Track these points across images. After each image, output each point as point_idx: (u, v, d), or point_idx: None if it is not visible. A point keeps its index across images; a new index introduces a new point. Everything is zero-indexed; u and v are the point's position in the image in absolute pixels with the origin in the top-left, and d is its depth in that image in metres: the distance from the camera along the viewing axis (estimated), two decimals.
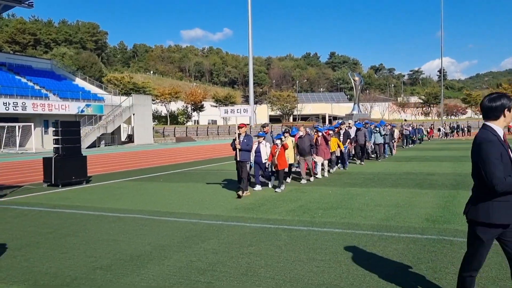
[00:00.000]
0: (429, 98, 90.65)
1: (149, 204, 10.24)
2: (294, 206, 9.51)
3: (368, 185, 12.27)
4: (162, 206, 9.98)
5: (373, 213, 8.41)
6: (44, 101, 41.71)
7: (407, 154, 23.35)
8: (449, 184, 12.00)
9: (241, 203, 10.03)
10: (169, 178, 15.68)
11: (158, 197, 11.37)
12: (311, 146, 12.95)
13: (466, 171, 14.96)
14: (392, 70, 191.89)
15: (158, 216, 8.82)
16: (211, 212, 9.10)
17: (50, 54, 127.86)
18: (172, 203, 10.34)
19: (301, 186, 12.45)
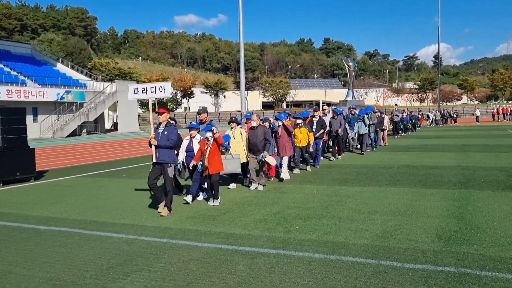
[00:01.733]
0: (424, 84, 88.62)
1: (89, 211, 8.24)
2: (268, 213, 7.53)
3: (361, 183, 10.31)
4: (104, 213, 7.98)
5: (367, 225, 6.45)
6: (19, 88, 39.32)
7: (404, 143, 21.42)
8: (458, 182, 10.05)
9: (203, 209, 8.05)
10: (134, 173, 13.67)
11: (106, 200, 9.36)
12: (265, 141, 9.66)
13: (474, 163, 13.06)
14: (386, 56, 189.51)
15: (90, 229, 6.83)
16: (160, 222, 7.11)
17: (37, 40, 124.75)
18: (118, 208, 8.34)
19: (282, 185, 10.48)
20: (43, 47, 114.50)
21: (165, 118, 7.64)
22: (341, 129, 14.80)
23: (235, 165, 9.40)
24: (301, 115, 12.37)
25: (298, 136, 11.73)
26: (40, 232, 6.77)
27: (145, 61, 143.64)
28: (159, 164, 7.56)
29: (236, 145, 9.89)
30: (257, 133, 9.69)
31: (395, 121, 25.53)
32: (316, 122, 13.42)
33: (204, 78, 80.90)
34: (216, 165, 8.13)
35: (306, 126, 12.20)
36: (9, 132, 11.99)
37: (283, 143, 10.85)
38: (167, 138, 7.46)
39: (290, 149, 11.03)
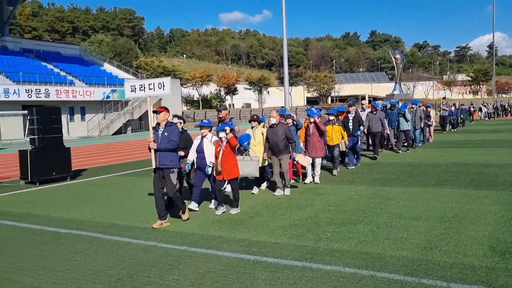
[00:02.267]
0: (478, 75, 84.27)
1: (114, 212, 7.97)
2: (299, 217, 6.95)
3: (405, 183, 9.49)
4: (129, 215, 7.68)
5: (408, 234, 5.74)
6: (68, 88, 40.52)
7: (454, 138, 20.07)
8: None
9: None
10: None
11: (134, 201, 9.09)
12: (287, 140, 8.60)
13: None
14: (437, 47, 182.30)
15: (110, 234, 6.51)
16: (183, 227, 6.69)
17: (88, 41, 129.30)
18: (144, 210, 8.01)
19: (318, 185, 9.83)
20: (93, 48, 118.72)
21: (163, 118, 6.74)
22: (386, 129, 14.07)
23: (253, 167, 8.41)
24: (333, 111, 11.22)
25: (330, 134, 10.70)
26: (60, 236, 6.53)
27: (190, 59, 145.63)
28: (161, 169, 6.69)
29: (257, 146, 9.02)
30: (277, 132, 8.63)
31: (442, 116, 23.48)
32: (352, 118, 12.23)
33: (248, 75, 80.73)
34: (230, 169, 7.28)
35: (339, 123, 11.09)
36: (45, 132, 12.02)
37: (314, 142, 9.77)
38: (167, 139, 6.58)
39: (321, 149, 9.93)
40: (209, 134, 7.84)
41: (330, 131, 10.70)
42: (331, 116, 10.84)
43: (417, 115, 16.44)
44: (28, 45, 49.74)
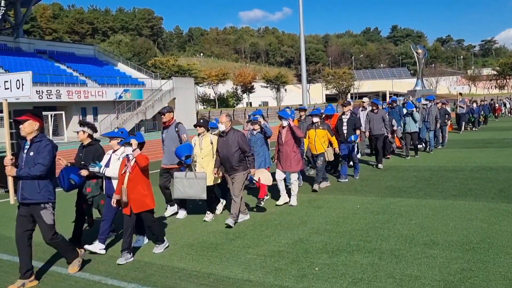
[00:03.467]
0: (504, 69, 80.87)
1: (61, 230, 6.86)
2: (287, 241, 5.71)
3: (421, 193, 8.13)
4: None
5: (419, 269, 4.44)
6: (80, 88, 39.97)
7: (479, 137, 18.40)
8: None
9: (208, 232, 6.38)
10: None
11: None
12: (240, 154, 6.60)
13: None
14: (461, 41, 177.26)
15: (42, 260, 5.39)
16: (143, 254, 5.53)
17: (107, 42, 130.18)
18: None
19: (319, 195, 8.54)
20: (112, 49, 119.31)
21: (29, 130, 4.69)
22: (389, 131, 11.89)
23: (198, 188, 6.63)
24: (317, 111, 9.01)
25: (313, 140, 8.75)
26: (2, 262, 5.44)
27: (209, 58, 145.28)
28: (26, 205, 4.70)
29: (204, 159, 7.04)
30: (227, 142, 6.60)
31: (459, 114, 20.90)
32: (347, 120, 9.90)
33: (265, 72, 79.42)
34: (140, 199, 5.24)
35: (324, 126, 8.85)
36: None
37: (288, 153, 7.59)
38: (33, 162, 4.62)
39: (298, 162, 7.65)
40: (122, 148, 5.60)
41: (313, 137, 8.75)
42: (314, 118, 8.85)
43: (432, 113, 14.24)
44: (41, 46, 49.51)
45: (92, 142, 6.13)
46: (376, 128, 11.35)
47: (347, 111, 10.10)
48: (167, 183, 7.40)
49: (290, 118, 7.66)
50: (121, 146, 5.57)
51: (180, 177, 6.70)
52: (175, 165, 7.11)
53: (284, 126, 7.69)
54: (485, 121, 25.38)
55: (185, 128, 7.43)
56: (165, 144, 7.38)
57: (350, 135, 9.81)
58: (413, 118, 12.84)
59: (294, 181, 7.77)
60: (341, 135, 9.87)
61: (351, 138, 9.76)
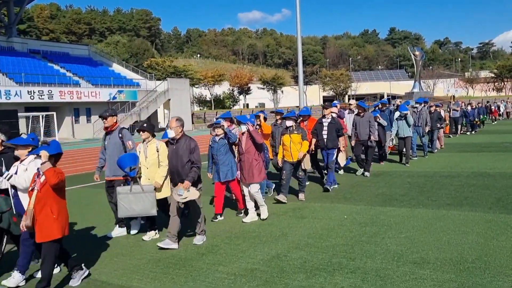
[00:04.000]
0: (502, 72, 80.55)
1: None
2: (262, 257, 5.18)
3: (413, 201, 7.60)
4: None
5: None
6: (72, 88, 39.36)
7: (476, 140, 17.90)
8: None
9: (182, 244, 5.84)
10: None
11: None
12: (191, 165, 5.72)
13: None
14: (458, 44, 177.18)
15: None
16: (101, 272, 4.99)
17: (104, 43, 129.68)
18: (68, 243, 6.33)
19: (306, 204, 8.00)
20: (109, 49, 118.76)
21: None
22: (374, 135, 10.41)
23: (146, 203, 5.75)
24: (292, 114, 8.19)
25: (288, 147, 7.86)
26: None
27: (207, 59, 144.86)
28: None
29: (150, 169, 6.03)
30: (177, 151, 5.70)
31: (453, 117, 20.06)
32: (328, 124, 9.05)
33: (261, 74, 78.86)
34: (46, 225, 4.26)
35: (299, 131, 7.91)
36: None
37: (249, 162, 6.75)
38: None
39: (260, 172, 6.80)
40: (30, 157, 4.73)
41: (288, 143, 7.84)
42: (288, 121, 7.95)
43: (423, 117, 13.42)
44: (35, 46, 48.91)
45: (5, 150, 5.13)
46: (363, 133, 10.39)
47: (328, 114, 9.20)
48: (116, 198, 6.19)
49: (249, 123, 6.79)
50: (28, 156, 4.71)
51: (124, 193, 5.80)
52: (120, 177, 6.18)
53: (244, 132, 6.83)
54: (482, 124, 24.51)
55: (130, 134, 6.58)
56: (108, 152, 6.42)
57: (330, 140, 8.96)
58: (406, 122, 11.94)
59: (255, 193, 6.84)
60: (320, 140, 9.03)
61: (330, 151, 8.99)
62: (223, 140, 6.87)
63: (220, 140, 6.89)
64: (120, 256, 5.54)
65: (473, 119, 21.87)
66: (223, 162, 6.85)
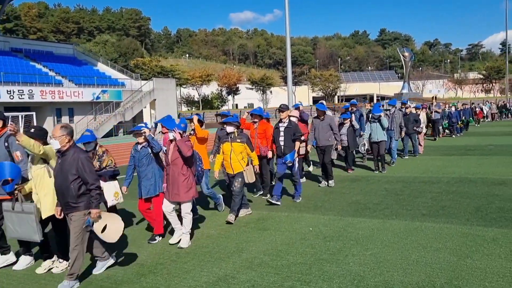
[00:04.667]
0: (490, 73, 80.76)
1: None
2: (206, 279, 4.58)
3: (387, 211, 7.04)
4: None
5: None
6: (54, 88, 38.46)
7: (461, 143, 17.43)
8: None
9: (124, 261, 5.21)
10: None
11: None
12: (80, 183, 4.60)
13: None
14: (448, 45, 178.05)
15: None
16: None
17: (93, 42, 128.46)
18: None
19: (273, 212, 7.41)
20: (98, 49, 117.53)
21: None
22: (339, 142, 9.50)
23: (27, 225, 4.84)
24: (233, 119, 7.05)
25: (228, 156, 6.93)
26: None
27: (197, 59, 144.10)
28: None
29: (39, 184, 5.01)
30: (62, 166, 4.59)
31: (434, 120, 18.90)
32: (284, 129, 7.99)
33: (250, 74, 78.21)
34: None
35: (243, 139, 6.94)
36: None
37: (175, 177, 5.66)
38: None
39: (188, 188, 5.67)
40: None
41: (228, 152, 6.91)
42: (229, 127, 6.93)
43: (396, 121, 12.39)
44: (17, 44, 47.87)
45: None
46: (322, 138, 9.26)
47: (284, 118, 8.07)
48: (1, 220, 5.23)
49: (176, 130, 5.66)
50: None
51: (8, 210, 4.97)
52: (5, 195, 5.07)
53: (171, 140, 5.74)
54: (466, 126, 23.24)
55: None
56: None
57: (288, 147, 7.85)
58: (380, 125, 10.86)
59: (185, 214, 5.76)
60: (278, 147, 8.04)
61: (286, 159, 7.69)
62: (145, 150, 6.04)
63: (142, 149, 6.07)
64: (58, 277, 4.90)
65: (455, 121, 20.67)
66: (146, 175, 6.02)
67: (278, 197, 7.88)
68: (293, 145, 7.93)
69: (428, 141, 18.22)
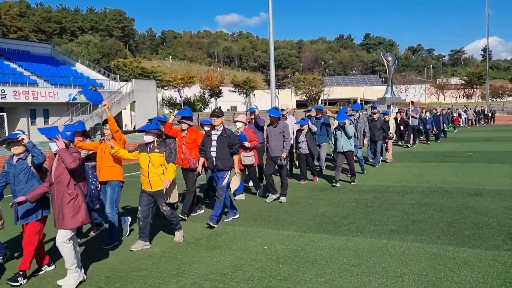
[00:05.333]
0: (472, 79, 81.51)
1: None
2: None
3: (353, 226, 6.43)
4: None
5: None
6: (28, 88, 37.29)
7: (441, 149, 16.99)
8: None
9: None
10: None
11: None
12: None
13: None
14: (431, 51, 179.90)
15: None
16: None
17: (75, 42, 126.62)
18: None
19: (230, 226, 6.75)
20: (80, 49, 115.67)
21: None
22: (286, 152, 8.24)
23: None
24: (153, 126, 5.83)
25: (145, 170, 5.75)
26: None
27: (182, 61, 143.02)
28: None
29: None
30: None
31: (412, 126, 17.96)
32: (217, 138, 6.74)
33: (233, 77, 77.54)
34: None
35: (162, 149, 5.76)
36: None
37: (59, 198, 4.54)
38: None
39: (74, 212, 4.52)
40: None
41: (146, 165, 5.75)
42: (147, 136, 5.74)
43: (360, 127, 11.47)
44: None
45: None
46: (275, 147, 8.22)
47: (218, 126, 6.83)
48: None
49: (59, 137, 4.54)
50: None
51: None
52: None
53: (55, 153, 4.61)
54: (444, 133, 22.21)
55: None
56: None
57: (221, 160, 6.65)
58: (345, 133, 9.65)
59: (61, 244, 4.47)
60: (209, 160, 6.79)
61: (220, 175, 6.66)
62: (23, 162, 4.83)
63: (19, 162, 4.83)
64: None
65: (430, 127, 19.39)
66: (24, 195, 4.77)
67: (214, 219, 6.59)
68: (227, 156, 6.67)
69: (401, 147, 17.83)
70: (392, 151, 13.96)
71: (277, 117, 8.37)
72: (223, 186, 6.71)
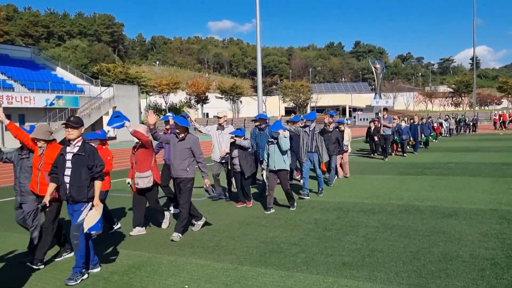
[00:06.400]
0: (460, 87, 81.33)
1: None
2: None
3: (300, 257, 5.42)
4: None
5: None
6: (2, 93, 36.02)
7: (421, 159, 16.08)
8: (491, 261, 5.00)
9: None
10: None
11: None
12: None
13: None
14: (420, 59, 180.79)
15: None
16: None
17: (63, 47, 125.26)
18: None
19: (158, 255, 5.72)
20: (68, 54, 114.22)
21: None
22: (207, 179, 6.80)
23: None
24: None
25: None
26: None
27: (172, 67, 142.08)
28: None
29: None
30: None
31: (384, 136, 16.11)
32: (73, 158, 4.97)
33: (220, 83, 76.57)
34: None
35: None
36: None
37: None
38: None
39: None
40: None
41: None
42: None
43: (317, 139, 9.30)
44: None
45: None
46: (177, 167, 6.56)
47: (75, 141, 5.04)
48: None
49: None
50: None
51: None
52: None
53: None
54: (426, 144, 20.99)
55: None
56: None
57: (75, 187, 4.89)
58: (279, 147, 7.94)
59: None
60: (61, 187, 5.06)
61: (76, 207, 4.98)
62: None
63: None
64: None
65: (406, 138, 17.62)
66: None
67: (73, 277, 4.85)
68: (86, 184, 4.92)
69: (389, 157, 16.91)
70: (349, 165, 12.47)
71: (185, 127, 6.54)
72: (77, 224, 4.91)
